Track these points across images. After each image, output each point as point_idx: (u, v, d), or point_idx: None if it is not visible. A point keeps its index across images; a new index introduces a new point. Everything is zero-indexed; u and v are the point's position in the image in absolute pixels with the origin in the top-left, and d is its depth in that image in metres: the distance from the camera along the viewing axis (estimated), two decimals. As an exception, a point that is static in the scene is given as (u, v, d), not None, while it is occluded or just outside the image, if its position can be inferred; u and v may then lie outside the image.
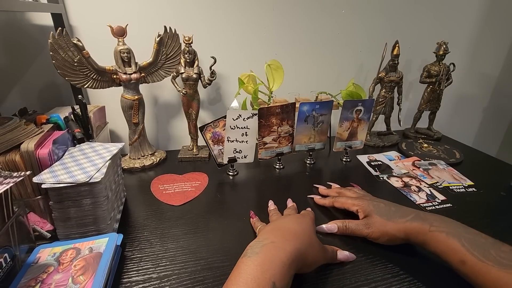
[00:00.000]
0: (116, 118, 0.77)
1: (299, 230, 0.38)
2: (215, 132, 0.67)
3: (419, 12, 0.94)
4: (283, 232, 0.36)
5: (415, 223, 0.41)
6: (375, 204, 0.46)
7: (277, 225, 0.40)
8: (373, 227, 0.44)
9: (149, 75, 0.70)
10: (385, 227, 0.43)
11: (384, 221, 0.43)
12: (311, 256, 0.36)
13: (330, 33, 0.88)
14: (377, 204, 0.47)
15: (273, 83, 0.74)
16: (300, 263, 0.34)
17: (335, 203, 0.53)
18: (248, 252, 0.32)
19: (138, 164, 0.72)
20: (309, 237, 0.38)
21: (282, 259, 0.31)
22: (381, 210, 0.45)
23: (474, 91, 1.13)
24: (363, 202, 0.48)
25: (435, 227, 0.39)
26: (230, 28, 0.80)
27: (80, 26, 0.71)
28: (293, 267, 0.32)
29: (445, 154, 0.81)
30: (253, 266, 0.30)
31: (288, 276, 0.31)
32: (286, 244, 0.33)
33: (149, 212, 0.56)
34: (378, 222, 0.44)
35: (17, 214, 0.39)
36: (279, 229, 0.38)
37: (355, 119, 0.73)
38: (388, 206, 0.46)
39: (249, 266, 0.30)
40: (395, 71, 0.83)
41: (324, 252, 0.40)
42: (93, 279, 0.35)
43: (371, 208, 0.46)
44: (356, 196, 0.52)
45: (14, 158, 0.44)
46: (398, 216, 0.43)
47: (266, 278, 0.29)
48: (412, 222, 0.41)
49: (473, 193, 0.63)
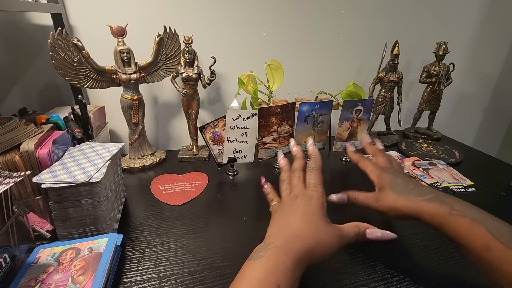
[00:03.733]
0: (116, 118, 0.77)
1: (304, 229, 0.36)
2: (215, 132, 0.67)
3: (419, 12, 0.94)
4: (288, 236, 0.35)
5: (433, 204, 0.38)
6: (393, 178, 0.43)
7: (282, 224, 0.38)
8: (382, 201, 0.42)
9: (149, 75, 0.70)
10: (395, 203, 0.40)
11: (397, 196, 0.41)
12: (318, 252, 0.35)
13: (330, 33, 0.88)
14: (395, 178, 0.44)
15: (273, 83, 0.74)
16: (306, 262, 0.34)
17: (359, 162, 0.50)
18: (254, 255, 0.33)
19: (138, 164, 0.72)
20: (316, 232, 0.36)
21: (286, 264, 0.31)
22: (396, 185, 0.42)
23: (474, 91, 1.13)
24: (383, 173, 0.45)
25: (456, 210, 0.37)
26: (230, 28, 0.80)
27: (80, 26, 0.71)
28: (298, 269, 0.32)
29: (445, 154, 0.81)
30: (258, 269, 0.30)
31: (294, 278, 0.31)
32: (290, 249, 0.33)
33: (149, 212, 0.56)
34: (390, 197, 0.41)
35: (17, 214, 0.39)
36: (284, 230, 0.37)
37: (355, 119, 0.73)
38: (406, 183, 0.43)
39: (254, 269, 0.31)
40: (395, 71, 0.83)
41: (338, 239, 0.37)
42: (93, 279, 0.35)
43: (386, 181, 0.43)
44: (384, 166, 0.48)
45: (14, 158, 0.44)
46: (414, 194, 0.40)
47: (270, 281, 0.29)
48: (429, 202, 0.39)
49: (473, 193, 0.63)
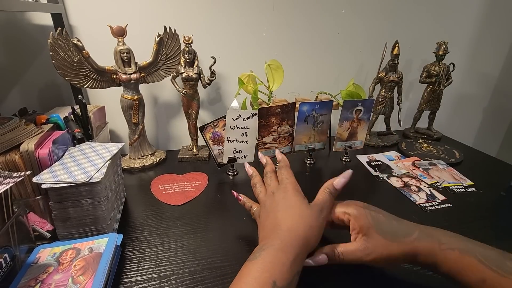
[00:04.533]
0: (116, 118, 0.77)
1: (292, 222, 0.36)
2: (215, 132, 0.67)
3: (419, 12, 0.94)
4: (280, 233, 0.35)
5: (424, 241, 0.34)
6: (374, 216, 0.36)
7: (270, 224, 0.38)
8: (374, 252, 0.34)
9: (149, 75, 0.70)
10: (389, 250, 0.34)
11: (388, 242, 0.34)
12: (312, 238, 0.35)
13: (330, 33, 0.88)
14: (375, 215, 0.36)
15: (273, 83, 0.74)
16: (304, 253, 0.34)
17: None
18: (251, 257, 0.33)
19: (138, 164, 0.72)
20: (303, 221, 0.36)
21: (282, 260, 0.32)
22: (382, 225, 0.35)
23: (474, 91, 1.13)
24: (357, 210, 0.37)
25: (444, 244, 0.33)
26: (230, 28, 0.80)
27: (80, 26, 0.71)
28: (296, 263, 0.32)
29: (445, 154, 0.81)
30: (254, 268, 0.31)
31: (291, 273, 0.31)
32: (285, 245, 0.33)
33: (149, 212, 0.56)
34: (381, 245, 0.34)
35: (17, 214, 0.39)
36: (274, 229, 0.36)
37: (355, 119, 0.73)
38: (388, 219, 0.37)
39: (250, 269, 0.31)
40: (395, 71, 0.83)
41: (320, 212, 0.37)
42: (93, 279, 0.35)
43: (369, 222, 0.35)
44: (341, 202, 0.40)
45: (14, 158, 0.44)
46: (403, 234, 0.35)
47: (266, 278, 0.29)
48: (420, 241, 0.34)
49: (473, 193, 0.63)
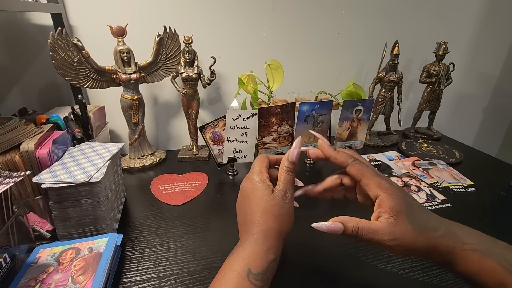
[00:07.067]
0: (116, 118, 0.77)
1: (259, 215, 0.34)
2: (215, 132, 0.67)
3: (419, 12, 0.93)
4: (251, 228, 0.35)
5: (447, 239, 0.31)
6: (408, 201, 0.31)
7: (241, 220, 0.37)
8: (400, 240, 0.29)
9: (149, 75, 0.70)
10: (415, 242, 0.30)
11: (416, 233, 0.30)
12: (284, 224, 0.35)
13: (330, 33, 0.88)
14: (409, 201, 0.32)
15: (273, 83, 0.74)
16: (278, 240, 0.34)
17: (351, 166, 0.34)
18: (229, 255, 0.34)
19: (138, 164, 0.72)
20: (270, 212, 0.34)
21: (256, 251, 0.32)
22: (414, 213, 0.31)
23: (474, 91, 1.13)
24: (394, 190, 0.31)
25: (468, 244, 0.30)
26: (230, 28, 0.80)
27: (80, 26, 0.71)
28: (272, 251, 0.33)
29: (445, 154, 0.81)
30: (230, 261, 0.32)
31: (266, 261, 0.31)
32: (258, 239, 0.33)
33: (149, 212, 0.56)
34: (409, 234, 0.30)
35: (17, 214, 0.39)
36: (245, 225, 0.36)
37: (355, 119, 0.73)
38: (420, 209, 0.32)
39: (225, 263, 0.32)
40: (395, 71, 0.83)
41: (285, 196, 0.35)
42: (93, 279, 0.35)
43: (402, 206, 0.30)
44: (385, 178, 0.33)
45: (14, 158, 0.44)
46: (430, 229, 0.31)
47: (241, 267, 0.30)
48: (444, 238, 0.31)
49: (473, 193, 0.63)
